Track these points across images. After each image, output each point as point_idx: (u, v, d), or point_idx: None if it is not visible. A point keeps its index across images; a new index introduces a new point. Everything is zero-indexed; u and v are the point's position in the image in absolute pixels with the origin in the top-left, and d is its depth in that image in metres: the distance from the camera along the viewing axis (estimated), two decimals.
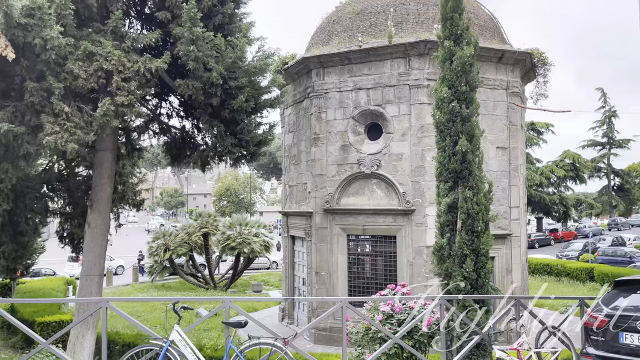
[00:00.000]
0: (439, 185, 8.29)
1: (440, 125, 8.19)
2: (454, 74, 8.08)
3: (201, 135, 10.52)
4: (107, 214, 9.79)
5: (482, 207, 8.02)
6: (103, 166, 9.65)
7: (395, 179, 14.86)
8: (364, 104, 15.37)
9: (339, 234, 15.57)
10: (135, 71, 8.10)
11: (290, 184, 18.10)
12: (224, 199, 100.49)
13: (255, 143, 9.58)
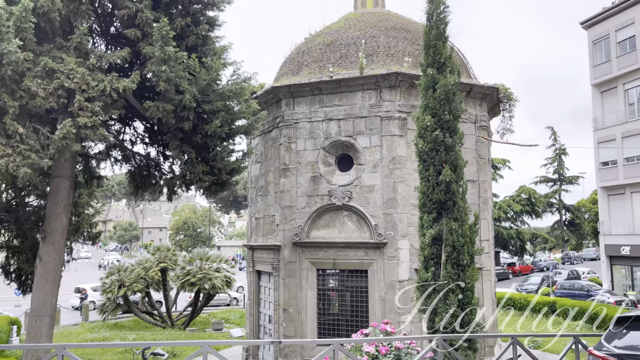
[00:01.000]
0: (422, 217, 7.97)
1: (424, 154, 7.93)
2: (438, 102, 7.90)
3: (168, 163, 9.89)
4: (62, 247, 8.90)
5: (468, 240, 7.73)
6: (59, 194, 8.82)
7: (367, 211, 14.51)
8: (335, 135, 15.10)
9: (308, 268, 14.98)
10: (101, 91, 7.49)
11: (257, 216, 17.47)
12: (181, 233, 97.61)
13: (228, 171, 9.04)
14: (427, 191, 7.78)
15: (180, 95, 7.82)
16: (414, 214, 14.50)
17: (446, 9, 8.31)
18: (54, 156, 7.55)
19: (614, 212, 33.86)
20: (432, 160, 7.75)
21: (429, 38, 8.22)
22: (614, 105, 33.54)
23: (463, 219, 7.77)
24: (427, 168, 7.83)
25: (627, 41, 32.46)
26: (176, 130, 8.27)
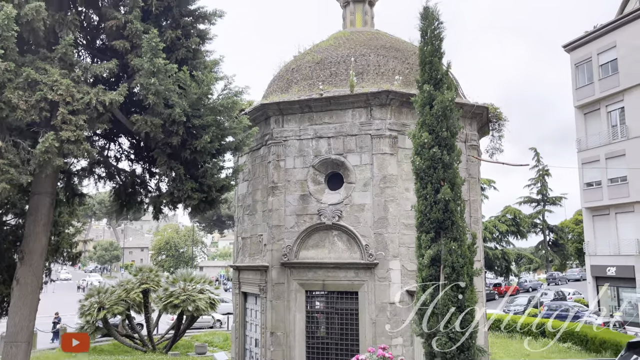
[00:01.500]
0: (419, 237, 7.71)
1: (421, 172, 7.71)
2: (435, 119, 7.71)
3: (155, 180, 9.51)
4: (40, 268, 8.41)
5: (467, 260, 7.47)
6: (39, 212, 8.37)
7: (358, 231, 14.21)
8: (324, 153, 14.86)
9: (296, 289, 14.56)
10: (86, 103, 7.14)
11: (244, 235, 17.04)
12: (163, 253, 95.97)
13: (218, 188, 8.70)
14: (424, 210, 7.54)
15: (170, 109, 7.50)
16: (405, 233, 14.26)
17: (440, 25, 8.21)
18: (35, 171, 7.14)
19: (599, 232, 34.04)
20: (430, 178, 7.53)
21: (424, 54, 8.09)
22: (597, 127, 33.99)
23: (462, 238, 7.53)
24: (424, 186, 7.60)
25: (609, 64, 33.09)
26: (164, 146, 7.93)
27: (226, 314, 35.01)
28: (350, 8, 19.02)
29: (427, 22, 8.16)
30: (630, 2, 35.27)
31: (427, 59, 8.05)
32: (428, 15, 8.20)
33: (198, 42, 8.42)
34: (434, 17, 8.16)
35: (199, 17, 8.44)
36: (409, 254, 14.21)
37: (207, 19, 8.46)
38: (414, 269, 14.19)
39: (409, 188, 14.49)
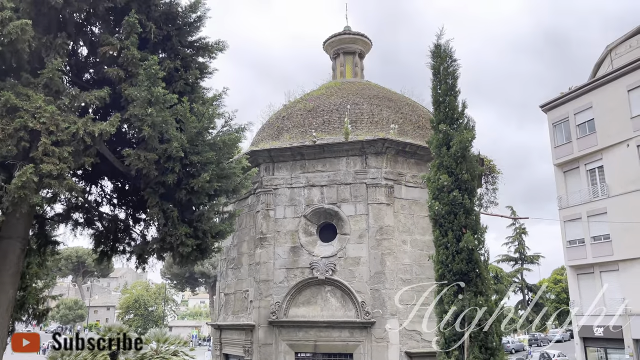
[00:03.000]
0: (439, 291, 6.89)
1: (440, 218, 7.03)
2: (453, 160, 7.13)
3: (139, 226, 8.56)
4: (5, 325, 7.17)
5: (495, 318, 6.65)
6: (7, 260, 7.26)
7: (353, 286, 13.28)
8: (317, 202, 14.13)
9: (285, 351, 13.34)
10: (72, 134, 6.32)
11: (227, 291, 15.87)
12: (131, 312, 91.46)
13: (214, 234, 7.81)
14: (445, 260, 6.80)
15: (165, 144, 6.73)
16: (403, 289, 13.38)
17: (454, 62, 7.83)
18: (7, 210, 6.17)
19: (584, 291, 33.52)
20: (451, 224, 6.86)
21: (438, 93, 7.65)
22: (577, 185, 34.25)
23: (487, 292, 6.77)
24: (444, 234, 6.91)
25: (587, 124, 33.82)
26: (157, 185, 7.08)
27: None
28: (340, 60, 18.95)
29: (440, 59, 7.79)
30: (603, 65, 36.73)
31: (440, 98, 7.59)
32: (440, 53, 7.84)
33: (197, 75, 7.79)
34: (446, 54, 7.81)
35: (199, 49, 7.85)
36: (408, 312, 13.27)
37: (209, 51, 7.88)
38: (413, 328, 13.26)
39: (406, 240, 13.80)
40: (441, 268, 6.92)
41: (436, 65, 7.99)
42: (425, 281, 13.74)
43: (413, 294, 13.51)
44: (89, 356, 21.53)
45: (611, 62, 35.72)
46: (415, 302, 13.44)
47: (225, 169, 7.58)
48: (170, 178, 6.95)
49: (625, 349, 29.86)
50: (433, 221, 7.19)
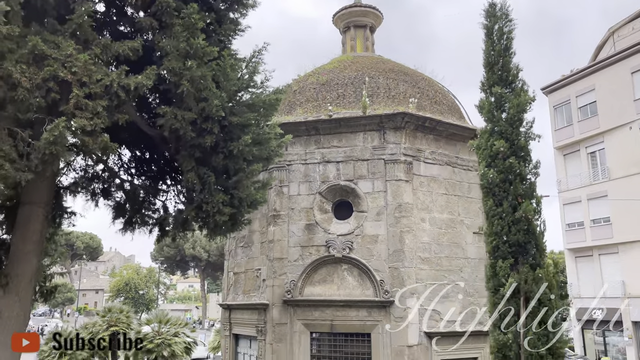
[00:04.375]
0: (494, 264, 6.49)
1: (494, 187, 6.58)
2: (509, 125, 6.64)
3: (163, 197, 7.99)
4: (29, 298, 6.63)
5: (554, 292, 6.24)
6: (29, 228, 6.67)
7: (371, 265, 12.86)
8: (333, 179, 13.62)
9: (301, 331, 12.94)
10: (105, 87, 5.71)
11: (236, 270, 15.38)
12: (121, 295, 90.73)
13: (249, 203, 7.28)
14: (500, 231, 6.37)
15: (203, 103, 6.13)
16: (422, 268, 13.02)
17: (509, 22, 7.33)
18: (37, 168, 5.56)
19: (582, 274, 33.62)
20: (506, 193, 6.41)
21: (491, 55, 7.16)
22: (577, 168, 34.13)
23: (544, 265, 6.36)
24: (499, 203, 6.47)
25: (588, 106, 33.60)
26: (192, 149, 6.49)
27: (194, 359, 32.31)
28: (351, 33, 18.32)
29: (494, 19, 7.28)
30: (605, 48, 36.42)
31: (494, 59, 7.11)
32: (495, 12, 7.33)
33: (233, 30, 7.15)
34: (502, 14, 7.30)
35: (232, 3, 7.19)
36: (427, 291, 12.91)
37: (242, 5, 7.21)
38: (432, 307, 12.90)
39: (424, 218, 13.39)
40: (495, 240, 6.49)
41: (490, 25, 7.48)
42: (443, 260, 13.41)
43: (432, 272, 13.18)
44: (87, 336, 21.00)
45: (614, 45, 35.40)
46: (434, 282, 13.13)
47: (261, 134, 7.03)
48: (209, 140, 6.37)
49: (624, 331, 30.03)
50: (485, 190, 6.75)
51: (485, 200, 6.84)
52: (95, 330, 21.40)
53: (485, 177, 6.72)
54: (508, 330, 6.17)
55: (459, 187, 14.17)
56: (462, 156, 14.43)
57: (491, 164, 6.72)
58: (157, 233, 8.01)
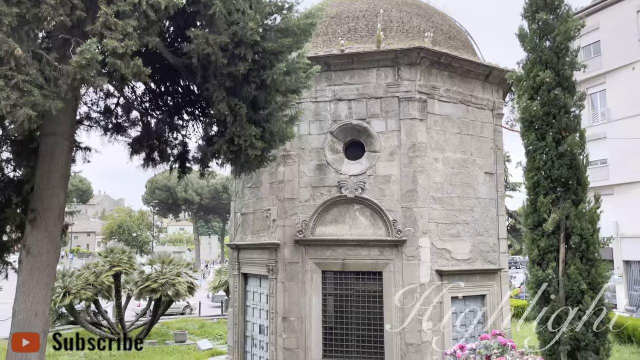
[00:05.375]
0: (534, 200, 6.31)
1: (537, 120, 6.33)
2: (555, 54, 6.27)
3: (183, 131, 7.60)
4: (58, 232, 6.40)
5: (595, 227, 6.11)
6: (54, 160, 6.30)
7: (383, 205, 12.74)
8: (344, 118, 13.24)
9: (312, 270, 12.97)
10: (133, 5, 5.17)
11: (244, 211, 15.22)
12: (114, 237, 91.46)
13: (281, 137, 6.94)
14: (543, 166, 6.16)
15: (235, 26, 5.63)
16: (434, 208, 12.94)
17: None
18: (67, 95, 5.11)
19: None
20: (549, 127, 6.14)
21: None
22: None
23: (586, 201, 6.19)
24: (541, 137, 6.22)
25: (592, 46, 32.94)
26: (222, 77, 6.03)
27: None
28: None
29: None
30: None
31: None
32: None
33: None
34: None
35: None
36: (438, 231, 12.93)
37: None
38: (443, 246, 12.95)
39: (438, 158, 13.18)
40: (536, 175, 6.29)
41: None
42: (455, 200, 13.33)
43: (444, 212, 13.12)
44: (91, 277, 21.13)
45: None
46: (446, 221, 13.11)
47: (291, 63, 6.58)
48: (242, 67, 5.91)
49: (615, 269, 30.92)
50: (526, 124, 6.46)
51: (526, 134, 6.57)
52: (98, 270, 21.46)
53: (528, 110, 6.41)
54: (548, 266, 6.08)
55: (472, 126, 13.88)
56: (476, 94, 14.06)
57: (534, 96, 6.39)
58: (178, 169, 7.71)
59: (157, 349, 19.59)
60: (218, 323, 27.83)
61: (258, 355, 14.16)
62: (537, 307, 6.22)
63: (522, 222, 6.67)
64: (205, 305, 35.07)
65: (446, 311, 12.69)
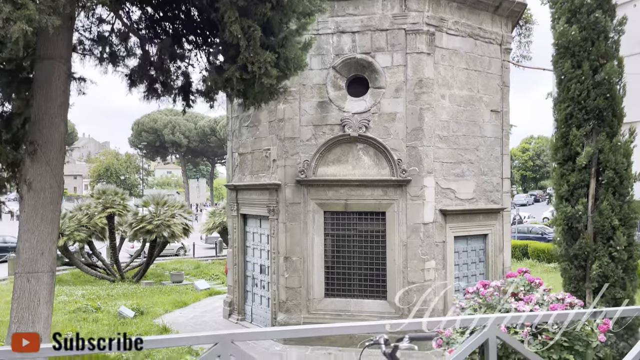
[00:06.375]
0: (566, 133, 5.95)
1: (574, 46, 5.83)
2: None
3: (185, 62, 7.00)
4: (61, 166, 5.92)
5: (630, 162, 5.81)
6: (52, 86, 5.74)
7: (388, 144, 12.37)
8: (348, 51, 12.59)
9: (314, 210, 12.73)
10: None
11: (241, 151, 14.77)
12: (102, 180, 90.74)
13: (296, 65, 6.42)
14: (577, 97, 5.75)
15: None
16: (439, 147, 12.61)
17: None
18: (64, 9, 4.52)
19: None
20: (587, 54, 5.69)
21: None
22: None
23: (620, 134, 5.87)
24: (577, 65, 5.78)
25: None
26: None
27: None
28: None
29: None
30: None
31: None
32: None
33: None
34: None
35: None
36: (443, 170, 12.67)
37: None
38: (448, 186, 12.73)
39: (444, 95, 12.71)
40: (570, 106, 5.91)
41: None
42: (461, 138, 13.00)
43: (450, 151, 12.82)
44: (84, 219, 20.82)
45: None
46: (451, 160, 12.83)
47: None
48: None
49: None
50: (561, 51, 6.01)
51: (560, 62, 6.12)
52: (92, 212, 21.12)
53: (565, 35, 5.93)
54: (578, 202, 5.83)
55: (479, 61, 13.34)
56: (485, 27, 13.42)
57: (571, 20, 5.90)
58: (182, 102, 7.18)
59: (155, 289, 19.64)
60: (213, 264, 28.00)
61: (259, 294, 14.16)
62: (564, 244, 6.02)
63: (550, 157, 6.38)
64: (199, 246, 35.24)
65: (449, 250, 12.66)
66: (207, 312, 16.15)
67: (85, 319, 14.52)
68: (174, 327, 13.86)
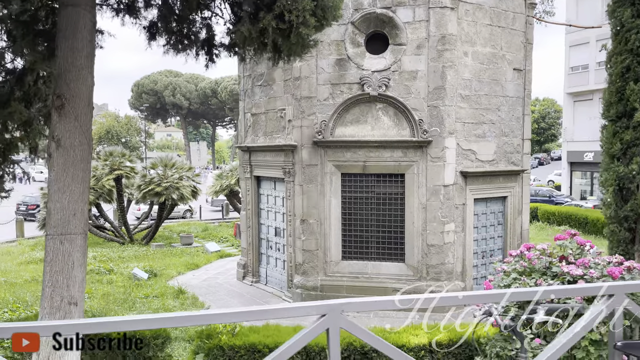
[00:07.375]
0: (621, 87, 5.57)
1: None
2: None
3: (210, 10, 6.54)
4: (89, 121, 5.56)
5: None
6: (77, 36, 5.30)
7: (408, 103, 11.96)
8: (367, 6, 12.03)
9: (332, 172, 12.44)
10: None
11: (254, 111, 14.36)
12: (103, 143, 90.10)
13: (334, 14, 5.99)
14: (638, 48, 5.36)
15: None
16: (461, 107, 12.21)
17: None
18: None
19: (579, 117, 33.76)
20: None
21: None
22: (589, 8, 32.23)
23: None
24: (637, 13, 5.37)
25: None
26: None
27: None
28: None
29: None
30: None
31: None
32: None
33: None
34: None
35: None
36: (465, 131, 12.31)
37: None
38: (469, 147, 12.40)
39: (467, 52, 12.21)
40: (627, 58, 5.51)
41: None
42: (482, 98, 12.58)
43: (471, 111, 12.42)
44: (91, 181, 20.49)
45: None
46: (473, 121, 12.45)
47: None
48: None
49: None
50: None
51: (618, 11, 5.70)
52: (99, 174, 20.83)
53: None
54: (632, 161, 5.53)
55: (503, 17, 12.77)
56: None
57: None
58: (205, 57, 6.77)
59: (166, 251, 19.58)
60: (220, 226, 27.93)
61: (274, 256, 14.04)
62: (614, 205, 5.76)
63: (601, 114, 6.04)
64: (205, 209, 35.13)
65: (469, 213, 12.44)
66: (220, 274, 16.09)
67: (99, 280, 14.47)
68: (189, 289, 13.81)
